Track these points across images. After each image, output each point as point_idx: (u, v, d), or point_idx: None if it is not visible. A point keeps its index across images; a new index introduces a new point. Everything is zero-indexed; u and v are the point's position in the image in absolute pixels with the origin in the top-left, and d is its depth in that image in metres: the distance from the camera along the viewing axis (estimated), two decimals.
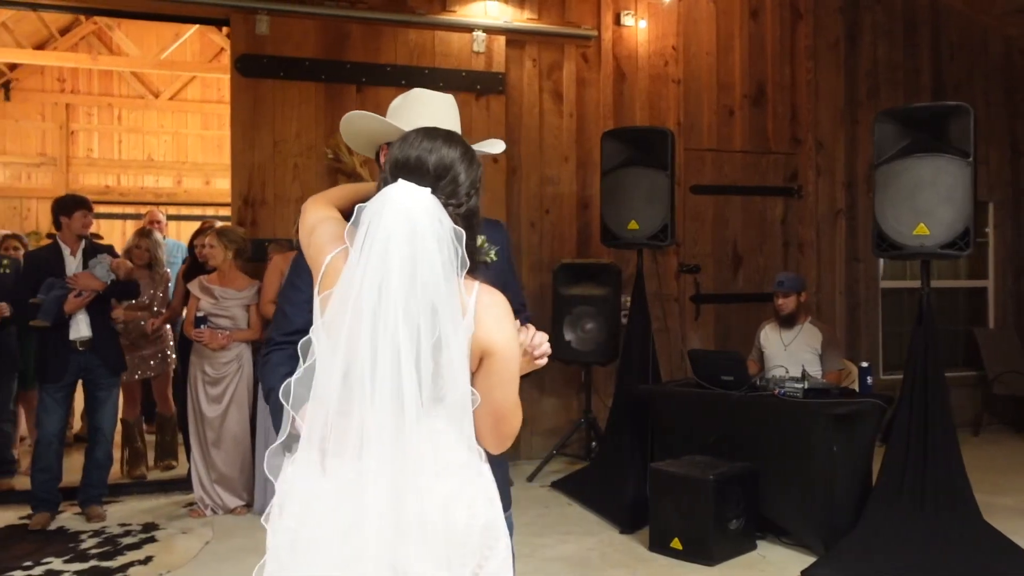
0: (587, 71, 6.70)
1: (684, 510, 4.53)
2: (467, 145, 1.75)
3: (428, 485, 1.62)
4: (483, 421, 1.72)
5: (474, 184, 1.72)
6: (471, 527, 1.68)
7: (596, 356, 6.09)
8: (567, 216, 6.63)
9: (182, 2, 5.75)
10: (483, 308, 1.67)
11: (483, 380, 1.70)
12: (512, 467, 6.18)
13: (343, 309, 1.59)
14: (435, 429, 1.64)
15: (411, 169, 1.66)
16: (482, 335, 1.66)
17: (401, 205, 1.59)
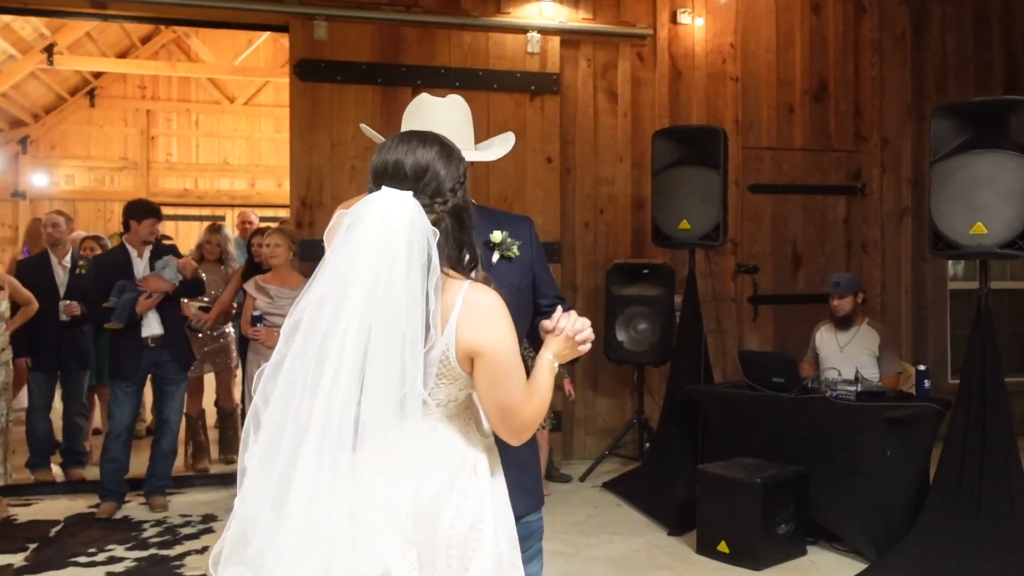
0: (642, 70, 6.66)
1: (731, 513, 4.48)
2: (444, 143, 1.78)
3: (410, 484, 1.64)
4: (492, 416, 1.76)
5: (458, 180, 1.75)
6: (455, 526, 1.72)
7: (649, 357, 6.06)
8: (621, 216, 6.60)
9: (243, 9, 5.92)
10: (468, 309, 1.68)
11: (479, 380, 1.72)
12: (565, 466, 6.24)
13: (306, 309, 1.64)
14: (417, 430, 1.66)
15: (390, 175, 1.71)
16: (467, 336, 1.68)
17: (378, 210, 1.64)
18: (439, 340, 1.67)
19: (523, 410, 1.74)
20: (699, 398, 5.29)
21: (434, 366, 1.68)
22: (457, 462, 1.75)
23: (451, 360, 1.68)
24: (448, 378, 1.71)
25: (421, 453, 1.68)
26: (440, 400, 1.73)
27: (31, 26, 10.51)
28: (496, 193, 6.27)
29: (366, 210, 1.64)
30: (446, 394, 1.74)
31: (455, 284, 1.70)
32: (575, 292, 6.54)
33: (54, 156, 13.31)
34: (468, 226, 1.78)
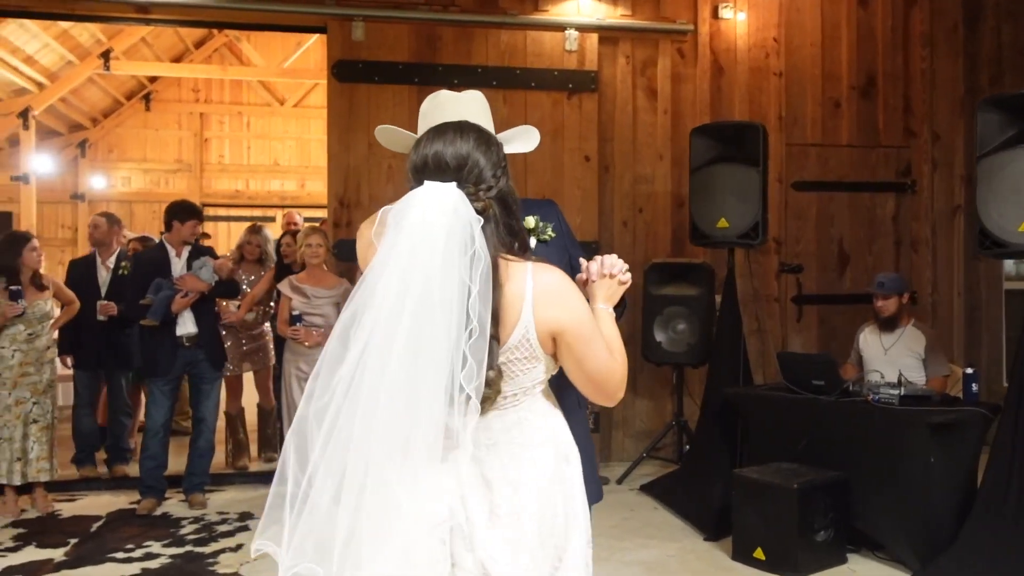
0: (683, 66, 6.55)
1: (767, 519, 4.37)
2: (481, 131, 1.75)
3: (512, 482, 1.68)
4: (585, 388, 1.76)
5: (498, 165, 1.72)
6: (557, 515, 1.73)
7: (688, 358, 5.95)
8: (661, 215, 6.50)
9: (281, 12, 5.97)
10: (540, 289, 1.66)
11: (566, 357, 1.71)
12: (603, 468, 6.17)
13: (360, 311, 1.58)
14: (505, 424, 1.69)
15: (432, 168, 1.68)
16: (546, 316, 1.66)
17: (421, 204, 1.60)
18: (517, 326, 1.65)
19: (613, 372, 1.75)
20: (737, 400, 5.17)
21: (514, 350, 1.66)
22: (552, 450, 1.74)
23: (532, 343, 1.67)
24: (531, 361, 1.69)
25: (518, 445, 1.69)
26: (526, 386, 1.71)
27: (88, 32, 10.79)
28: (533, 192, 6.22)
29: (410, 205, 1.61)
30: (533, 377, 1.71)
31: (518, 267, 1.67)
32: None
33: (111, 159, 13.66)
34: (514, 211, 1.75)
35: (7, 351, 5.13)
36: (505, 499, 1.66)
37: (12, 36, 9.99)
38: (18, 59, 10.46)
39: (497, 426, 1.69)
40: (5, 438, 5.11)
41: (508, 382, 1.68)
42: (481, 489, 1.67)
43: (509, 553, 1.66)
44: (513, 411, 1.71)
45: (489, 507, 1.65)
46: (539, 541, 1.69)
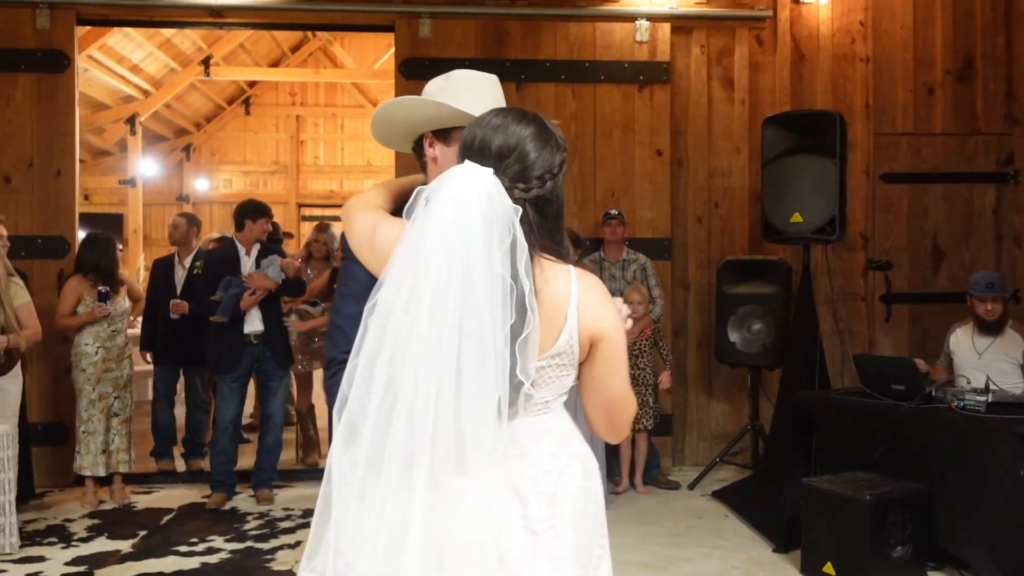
0: (761, 54, 6.27)
1: (838, 532, 4.11)
2: (545, 126, 1.62)
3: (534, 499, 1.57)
4: (599, 411, 1.65)
5: (550, 169, 1.59)
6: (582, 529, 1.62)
7: (763, 359, 5.67)
8: (738, 210, 6.24)
9: (350, 11, 6.01)
10: (584, 291, 1.57)
11: (597, 368, 1.61)
12: (676, 473, 5.98)
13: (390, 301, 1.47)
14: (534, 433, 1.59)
15: (476, 151, 1.57)
16: (590, 320, 1.57)
17: (453, 185, 1.49)
18: (564, 329, 1.55)
19: (628, 402, 1.67)
20: (810, 405, 4.89)
21: (558, 356, 1.57)
22: (580, 460, 1.64)
23: (574, 347, 1.58)
24: (568, 368, 1.61)
25: (547, 455, 1.59)
26: (558, 393, 1.62)
27: (189, 40, 11.21)
28: (603, 188, 6.08)
29: (442, 184, 1.50)
30: (564, 385, 1.63)
31: (560, 268, 1.58)
32: (687, 291, 6.24)
33: (214, 162, 14.17)
34: (553, 218, 1.62)
35: (91, 347, 5.31)
36: (540, 512, 1.56)
37: (118, 46, 10.46)
38: (125, 68, 10.96)
39: (525, 436, 1.58)
40: (90, 432, 5.30)
41: (544, 388, 1.59)
42: (514, 503, 1.54)
43: (551, 569, 1.55)
44: (542, 419, 1.61)
45: (523, 522, 1.54)
46: (576, 556, 1.59)
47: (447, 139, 1.90)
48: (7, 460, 4.51)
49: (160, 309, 5.94)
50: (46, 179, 5.74)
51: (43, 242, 5.73)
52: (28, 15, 5.69)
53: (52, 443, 5.67)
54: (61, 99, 5.76)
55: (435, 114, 1.91)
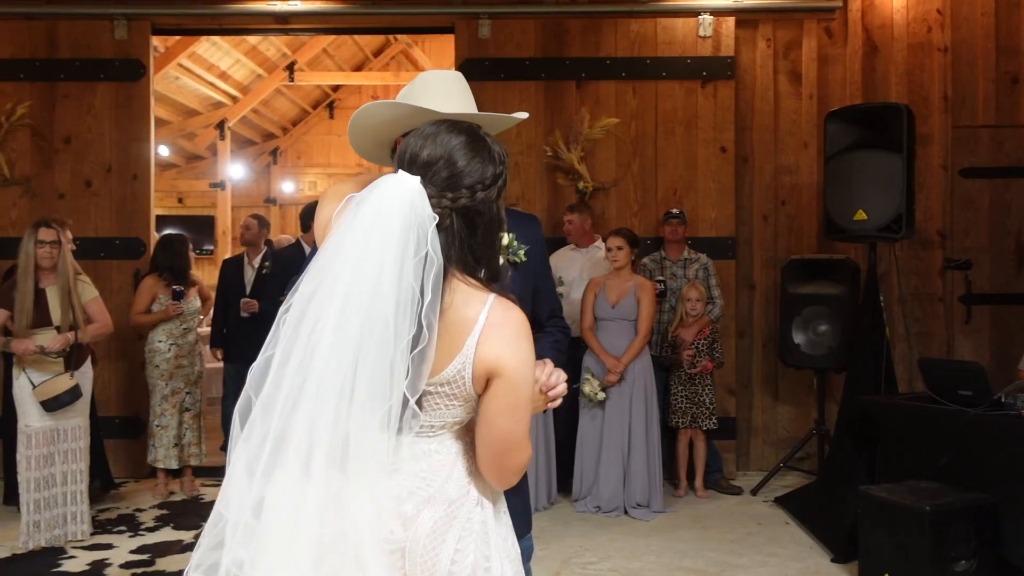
0: (831, 47, 6.06)
1: (898, 543, 3.93)
2: (477, 136, 1.59)
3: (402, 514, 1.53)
4: (485, 450, 1.56)
5: (481, 180, 1.54)
6: (457, 562, 1.55)
7: (829, 361, 5.48)
8: (806, 208, 6.04)
9: (410, 14, 6.08)
10: (493, 324, 1.51)
11: (488, 404, 1.54)
12: (740, 477, 5.83)
13: (301, 299, 1.50)
14: (414, 453, 1.55)
15: (407, 160, 1.55)
16: (489, 353, 1.50)
17: (378, 192, 1.48)
18: (457, 358, 1.50)
19: (522, 450, 1.57)
20: (873, 409, 4.70)
21: (445, 385, 1.52)
22: (459, 491, 1.58)
23: (466, 380, 1.51)
24: (458, 399, 1.54)
25: (420, 478, 1.54)
26: (445, 421, 1.56)
27: (275, 47, 11.53)
28: (664, 186, 5.98)
29: (369, 191, 1.49)
30: (452, 415, 1.56)
31: (477, 296, 1.52)
32: (752, 291, 6.08)
33: (300, 165, 14.54)
34: (483, 234, 1.57)
35: (163, 344, 5.53)
36: (393, 533, 1.50)
37: (207, 54, 10.85)
38: (213, 75, 11.35)
39: (405, 452, 1.53)
40: (162, 426, 5.52)
41: (428, 413, 1.53)
42: (372, 516, 1.50)
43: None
44: (426, 441, 1.56)
45: (376, 535, 1.49)
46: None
47: None
48: (79, 451, 4.74)
49: (230, 308, 6.12)
50: (123, 183, 6.00)
51: (120, 243, 5.98)
52: (107, 27, 5.96)
53: (128, 436, 5.91)
54: (137, 106, 6.00)
55: (394, 115, 1.89)
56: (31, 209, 5.89)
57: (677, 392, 5.45)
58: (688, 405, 5.41)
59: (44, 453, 4.57)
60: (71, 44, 5.97)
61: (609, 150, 5.97)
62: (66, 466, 4.66)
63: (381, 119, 1.96)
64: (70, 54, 5.97)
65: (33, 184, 5.97)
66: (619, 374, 5.09)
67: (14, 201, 5.97)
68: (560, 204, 5.89)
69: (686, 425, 5.43)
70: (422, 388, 1.47)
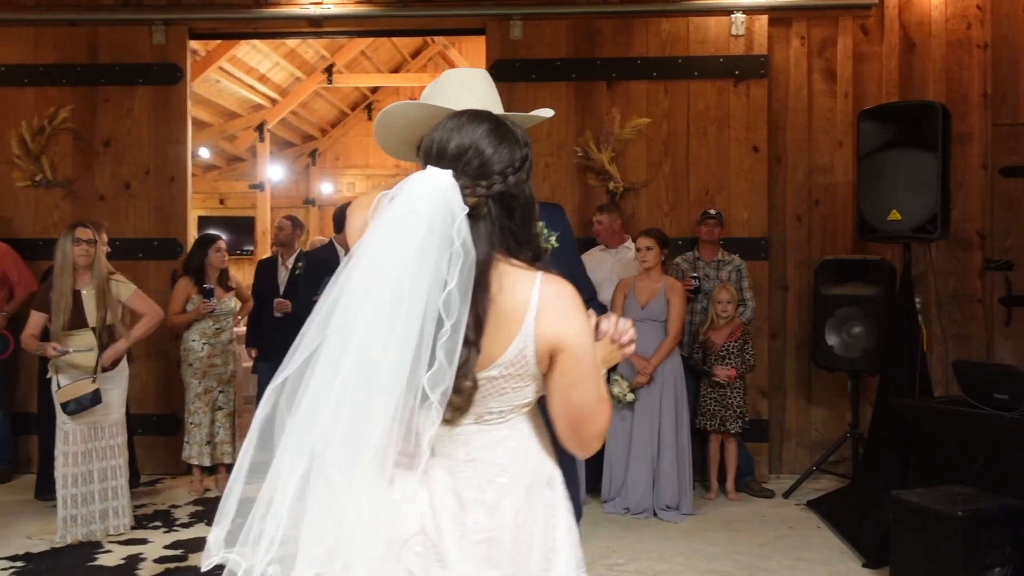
0: (866, 44, 5.96)
1: (929, 549, 3.86)
2: (499, 123, 1.61)
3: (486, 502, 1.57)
4: (564, 424, 1.60)
5: (510, 164, 1.57)
6: (534, 544, 1.61)
7: (863, 364, 5.40)
8: (840, 208, 5.96)
9: (442, 16, 6.11)
10: (547, 300, 1.53)
11: (558, 379, 1.57)
12: (773, 480, 5.77)
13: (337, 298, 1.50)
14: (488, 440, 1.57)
15: (435, 155, 1.57)
16: (549, 330, 1.53)
17: (409, 188, 1.50)
18: (516, 338, 1.52)
19: (598, 417, 1.59)
20: (908, 413, 4.62)
21: (509, 366, 1.54)
22: (534, 475, 1.62)
23: (529, 359, 1.53)
24: (524, 379, 1.56)
25: (497, 465, 1.58)
26: (513, 405, 1.59)
27: (313, 50, 11.66)
28: (696, 187, 5.94)
29: (401, 190, 1.51)
30: (521, 397, 1.59)
31: (525, 276, 1.54)
32: (785, 292, 6.01)
33: (338, 166, 14.68)
34: (521, 216, 1.59)
35: (197, 344, 5.62)
36: (479, 523, 1.55)
37: (247, 58, 11.01)
38: (253, 78, 11.52)
39: (478, 442, 1.57)
40: (196, 423, 5.61)
41: (496, 398, 1.56)
42: (453, 507, 1.55)
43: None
44: (496, 429, 1.58)
45: (460, 528, 1.54)
46: (513, 569, 1.57)
47: None
48: (118, 447, 4.84)
49: (264, 308, 6.20)
50: (161, 185, 6.11)
51: (158, 244, 6.10)
52: (145, 32, 6.08)
53: (165, 433, 6.02)
54: (175, 110, 6.11)
55: (421, 115, 1.92)
56: (72, 211, 6.03)
57: (706, 394, 5.42)
58: (717, 408, 5.37)
59: (82, 450, 4.67)
60: (111, 49, 6.10)
61: (640, 150, 5.94)
62: (104, 462, 4.76)
63: (407, 119, 1.99)
64: (110, 59, 6.10)
65: (74, 186, 6.11)
66: (648, 375, 5.07)
67: (56, 203, 6.12)
68: (590, 204, 5.88)
69: (714, 428, 5.39)
70: (450, 379, 1.46)
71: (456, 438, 1.56)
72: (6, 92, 6.13)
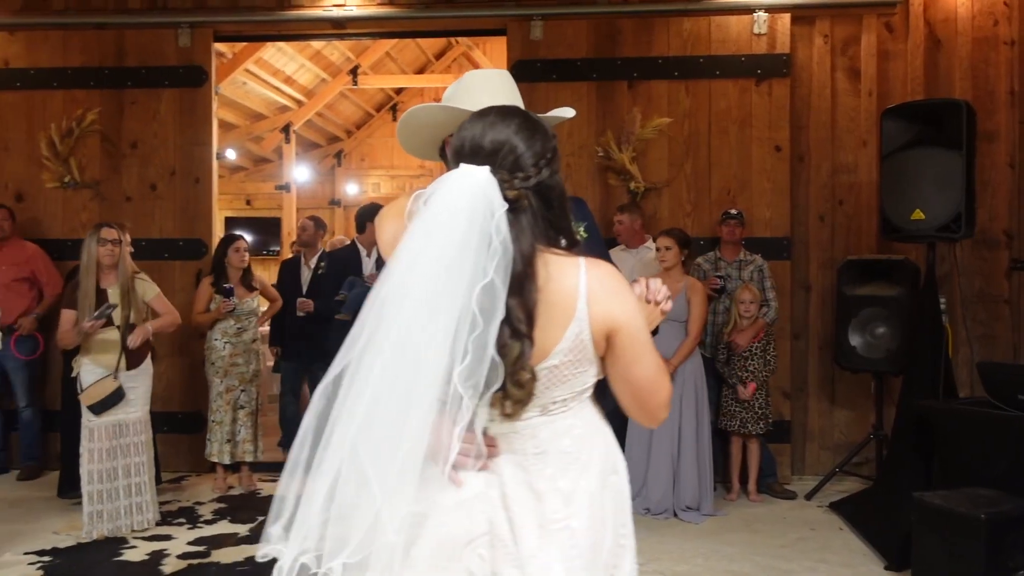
0: (891, 42, 5.91)
1: (951, 552, 3.82)
2: (527, 116, 1.64)
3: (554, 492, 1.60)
4: (630, 400, 1.65)
5: (543, 155, 1.59)
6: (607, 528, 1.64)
7: (887, 365, 5.35)
8: (865, 207, 5.90)
9: (462, 17, 6.13)
10: (595, 284, 1.57)
11: (618, 360, 1.61)
12: (795, 482, 5.74)
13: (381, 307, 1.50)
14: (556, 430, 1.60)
15: (468, 153, 1.59)
16: (602, 312, 1.57)
17: (447, 186, 1.51)
18: (571, 325, 1.55)
19: (662, 388, 1.64)
20: (932, 415, 4.57)
21: (567, 353, 1.56)
22: (602, 460, 1.66)
23: (586, 343, 1.56)
24: (583, 363, 1.59)
25: (566, 454, 1.61)
26: (574, 391, 1.62)
27: (338, 51, 11.74)
28: (718, 187, 5.91)
29: (437, 189, 1.52)
30: (582, 383, 1.62)
31: (569, 263, 1.57)
32: (808, 292, 5.97)
33: (363, 167, 14.77)
34: (559, 206, 1.61)
35: (219, 343, 5.67)
36: (557, 511, 1.57)
37: (272, 60, 11.11)
38: (279, 80, 11.62)
39: (545, 433, 1.59)
40: (217, 421, 5.67)
41: (559, 387, 1.58)
42: (529, 500, 1.56)
43: (563, 567, 1.56)
44: (562, 418, 1.61)
45: (539, 519, 1.56)
46: (592, 555, 1.60)
47: None
48: (142, 444, 4.90)
49: (287, 307, 6.26)
50: (186, 186, 6.19)
51: (183, 244, 6.17)
52: (171, 35, 6.15)
53: (189, 431, 6.09)
54: (200, 112, 6.19)
55: (446, 118, 1.93)
56: (100, 212, 6.12)
57: (728, 396, 5.39)
58: (738, 409, 5.34)
59: (107, 447, 4.74)
60: (138, 52, 6.19)
61: (661, 150, 5.93)
62: (128, 459, 4.83)
63: (433, 120, 2.00)
64: (137, 62, 6.19)
65: (102, 187, 6.21)
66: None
67: (84, 204, 6.21)
68: (611, 205, 5.87)
69: (735, 429, 5.36)
70: (481, 373, 1.46)
71: (523, 432, 1.59)
72: (36, 95, 6.23)
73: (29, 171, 6.23)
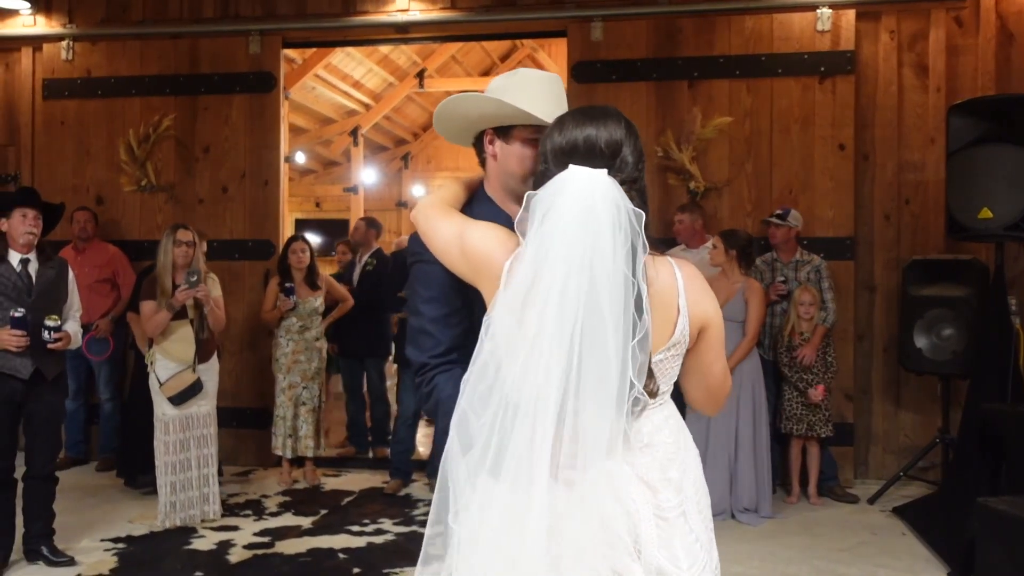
0: (960, 37, 5.76)
1: (1017, 560, 3.72)
2: (625, 117, 1.67)
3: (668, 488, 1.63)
4: (704, 393, 1.75)
5: (640, 157, 1.64)
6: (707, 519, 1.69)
7: (954, 367, 5.22)
8: (932, 206, 5.76)
9: (524, 20, 6.20)
10: (689, 282, 1.65)
11: (703, 354, 1.70)
12: (859, 485, 5.65)
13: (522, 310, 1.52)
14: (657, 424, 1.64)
15: (582, 153, 1.58)
16: (699, 308, 1.65)
17: (576, 191, 1.51)
18: (679, 320, 1.62)
19: (728, 380, 1.77)
20: (998, 419, 4.46)
21: (673, 347, 1.64)
22: (693, 447, 1.73)
23: (686, 337, 1.64)
24: (679, 358, 1.68)
25: (668, 444, 1.65)
26: (669, 385, 1.69)
27: (405, 56, 11.94)
28: (779, 186, 5.85)
29: (562, 192, 1.52)
30: (674, 375, 1.70)
31: (662, 260, 1.64)
32: (872, 293, 5.86)
33: (430, 169, 14.96)
34: (647, 204, 1.65)
35: (283, 340, 5.84)
36: (670, 499, 1.61)
37: (341, 65, 11.35)
38: (347, 84, 11.86)
39: (648, 427, 1.62)
40: (280, 416, 5.83)
41: (664, 380, 1.65)
42: (644, 492, 1.59)
43: (685, 554, 1.60)
44: (659, 411, 1.65)
45: (656, 511, 1.59)
46: (705, 539, 1.65)
47: (508, 137, 1.91)
48: (210, 436, 5.09)
49: None
50: (256, 189, 6.39)
51: (252, 245, 6.37)
52: (242, 42, 6.36)
53: (257, 427, 6.28)
54: (269, 116, 6.38)
55: (496, 111, 1.90)
56: (174, 214, 6.36)
57: (792, 398, 5.32)
58: (803, 412, 5.27)
59: (179, 439, 4.93)
60: (210, 60, 6.42)
61: (722, 149, 5.90)
62: (198, 451, 5.01)
63: (480, 112, 1.94)
64: (209, 69, 6.42)
65: (176, 190, 6.45)
66: None
67: (159, 207, 6.47)
68: (671, 204, 5.86)
69: (800, 432, 5.29)
70: (645, 371, 1.53)
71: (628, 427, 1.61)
72: (115, 102, 6.52)
73: (108, 175, 6.52)
